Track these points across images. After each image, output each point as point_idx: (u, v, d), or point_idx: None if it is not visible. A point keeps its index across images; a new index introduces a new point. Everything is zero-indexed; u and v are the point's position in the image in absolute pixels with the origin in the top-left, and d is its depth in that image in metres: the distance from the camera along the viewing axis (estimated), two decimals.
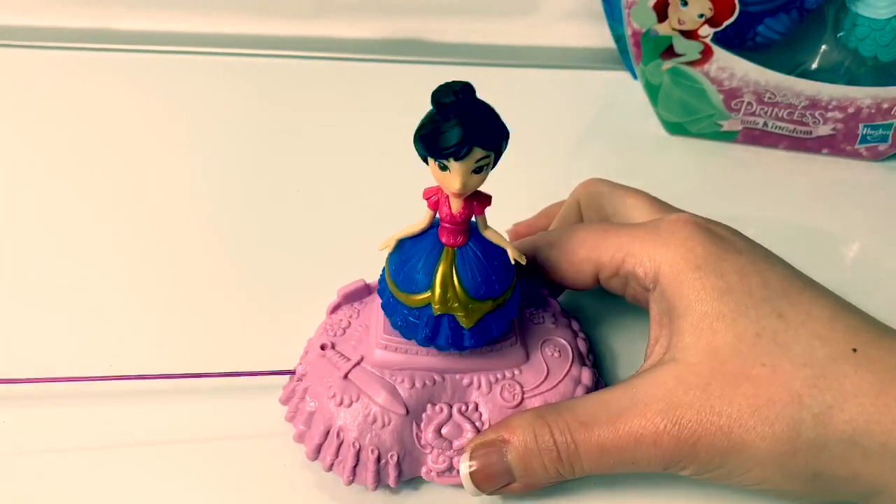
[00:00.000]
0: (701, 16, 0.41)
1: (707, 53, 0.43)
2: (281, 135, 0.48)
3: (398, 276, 0.29)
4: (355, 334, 0.32)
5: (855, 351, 0.27)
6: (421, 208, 0.28)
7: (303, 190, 0.44)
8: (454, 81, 0.24)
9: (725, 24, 0.41)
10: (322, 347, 0.32)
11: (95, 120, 0.48)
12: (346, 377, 0.31)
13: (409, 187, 0.30)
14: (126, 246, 0.41)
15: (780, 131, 0.46)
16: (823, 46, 0.44)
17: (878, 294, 0.35)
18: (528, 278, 0.33)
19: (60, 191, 0.44)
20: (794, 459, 0.27)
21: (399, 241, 0.29)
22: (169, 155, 0.46)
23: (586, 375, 0.32)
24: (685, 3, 0.41)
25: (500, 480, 0.29)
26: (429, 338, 0.29)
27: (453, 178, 0.25)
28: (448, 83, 0.24)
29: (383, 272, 0.30)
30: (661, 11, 0.42)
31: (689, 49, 0.43)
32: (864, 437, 0.26)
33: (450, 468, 0.31)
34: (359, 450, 0.30)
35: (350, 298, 0.34)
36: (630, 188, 0.35)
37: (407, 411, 0.30)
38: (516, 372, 0.31)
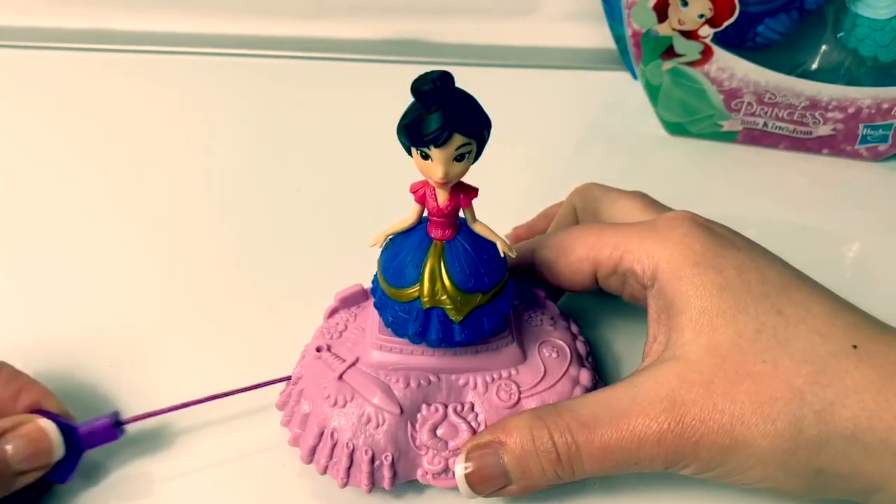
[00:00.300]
0: (701, 16, 0.41)
1: (707, 54, 0.43)
2: (281, 135, 0.48)
3: (388, 271, 0.29)
4: (351, 337, 0.32)
5: (855, 347, 0.27)
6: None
7: (303, 190, 0.44)
8: (433, 70, 0.25)
9: (725, 24, 0.41)
10: (318, 350, 0.32)
11: (95, 120, 0.49)
12: (340, 378, 0.31)
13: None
14: (126, 246, 0.41)
15: (780, 131, 0.46)
16: (823, 47, 0.44)
17: (878, 294, 0.35)
18: (526, 281, 0.33)
19: (59, 191, 0.44)
20: (796, 456, 0.27)
21: (390, 238, 0.29)
22: (168, 155, 0.46)
23: (585, 376, 0.32)
24: (685, 4, 0.41)
25: (497, 483, 0.29)
26: (419, 333, 0.29)
27: (435, 167, 0.26)
28: (427, 72, 0.25)
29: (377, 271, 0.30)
30: (661, 12, 0.42)
31: (689, 49, 0.43)
32: (865, 433, 0.26)
33: (445, 469, 0.30)
34: (353, 450, 0.30)
35: (348, 302, 0.34)
36: (624, 191, 0.35)
37: (401, 411, 0.30)
38: (513, 372, 0.31)
